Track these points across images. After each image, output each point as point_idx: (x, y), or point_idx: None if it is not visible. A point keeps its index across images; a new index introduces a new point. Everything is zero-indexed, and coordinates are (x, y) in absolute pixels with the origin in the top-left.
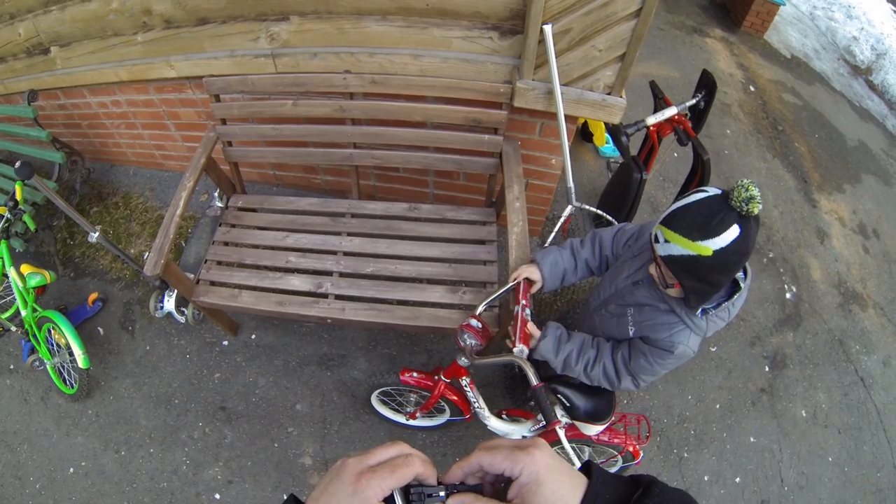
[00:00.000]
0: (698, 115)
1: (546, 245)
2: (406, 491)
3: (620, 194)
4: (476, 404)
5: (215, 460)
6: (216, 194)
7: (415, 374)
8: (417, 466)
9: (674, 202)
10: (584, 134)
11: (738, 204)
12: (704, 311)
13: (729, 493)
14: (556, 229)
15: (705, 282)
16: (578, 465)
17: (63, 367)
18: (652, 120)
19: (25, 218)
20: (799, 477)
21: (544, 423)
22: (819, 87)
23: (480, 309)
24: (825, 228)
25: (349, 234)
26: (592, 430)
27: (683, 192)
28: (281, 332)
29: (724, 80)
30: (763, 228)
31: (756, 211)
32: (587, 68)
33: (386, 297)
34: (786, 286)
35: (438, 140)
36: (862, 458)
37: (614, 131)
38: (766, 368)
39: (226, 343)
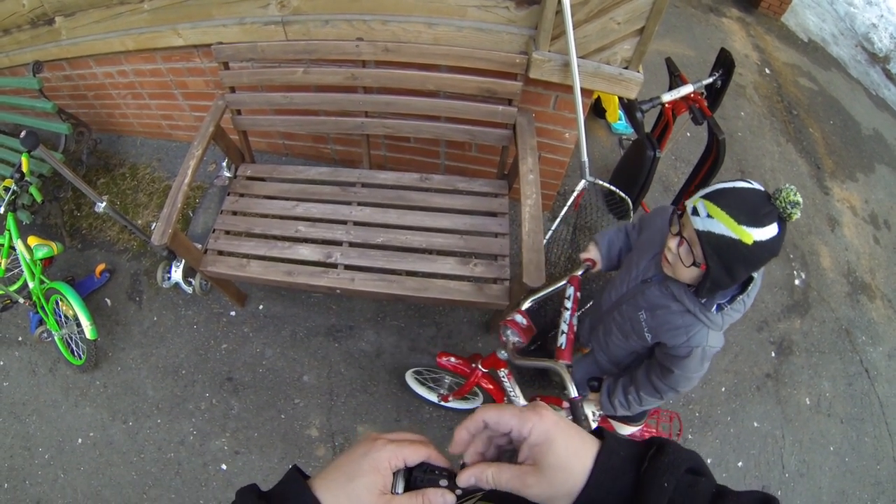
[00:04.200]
0: (714, 94)
1: (556, 219)
2: (409, 473)
3: (633, 171)
4: (512, 393)
5: (222, 431)
6: (224, 164)
7: (452, 360)
8: (431, 451)
9: (713, 184)
10: (596, 110)
11: (783, 205)
12: (720, 307)
13: (731, 476)
14: (568, 203)
15: (729, 271)
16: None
17: (71, 338)
18: (668, 97)
19: (32, 190)
20: (800, 464)
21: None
22: (835, 72)
23: (526, 305)
24: (836, 216)
25: (359, 204)
26: (626, 430)
27: (696, 172)
28: (289, 303)
29: (739, 62)
30: None
31: (795, 218)
32: (605, 41)
33: (396, 268)
34: (795, 272)
35: (451, 110)
36: (863, 449)
37: (629, 107)
38: (773, 354)
39: (233, 313)
